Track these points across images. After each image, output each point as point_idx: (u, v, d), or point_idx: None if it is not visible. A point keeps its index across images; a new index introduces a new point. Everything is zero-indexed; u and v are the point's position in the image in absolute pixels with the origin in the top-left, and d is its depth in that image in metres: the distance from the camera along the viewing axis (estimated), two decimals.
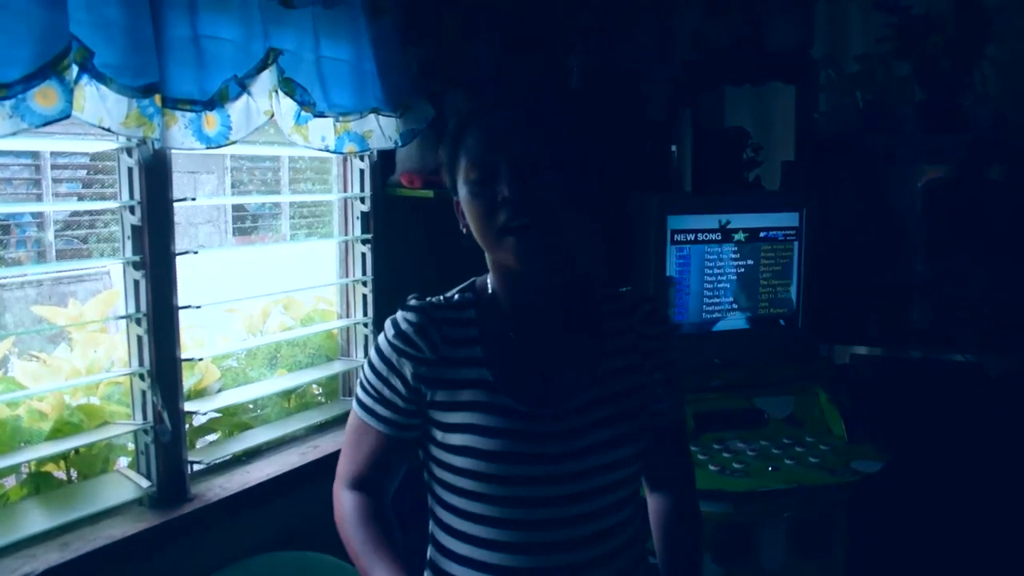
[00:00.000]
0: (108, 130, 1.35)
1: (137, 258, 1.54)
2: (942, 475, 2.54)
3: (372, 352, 1.17)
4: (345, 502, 1.17)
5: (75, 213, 6.61)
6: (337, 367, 2.10)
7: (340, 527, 1.16)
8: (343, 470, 1.20)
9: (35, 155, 6.31)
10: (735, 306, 2.55)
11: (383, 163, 2.07)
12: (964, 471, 2.53)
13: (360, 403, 1.18)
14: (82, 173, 6.74)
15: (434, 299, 1.19)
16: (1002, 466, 2.51)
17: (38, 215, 6.28)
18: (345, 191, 2.07)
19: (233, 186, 7.47)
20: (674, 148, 2.85)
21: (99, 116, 1.33)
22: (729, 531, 2.16)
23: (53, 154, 6.34)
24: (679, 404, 1.27)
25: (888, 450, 2.32)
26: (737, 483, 2.14)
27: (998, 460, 2.52)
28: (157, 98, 1.39)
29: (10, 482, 1.61)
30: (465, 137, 1.11)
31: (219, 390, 1.89)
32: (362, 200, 2.06)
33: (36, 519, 1.46)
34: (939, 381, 2.79)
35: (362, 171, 2.06)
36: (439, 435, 1.13)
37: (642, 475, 1.25)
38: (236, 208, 7.42)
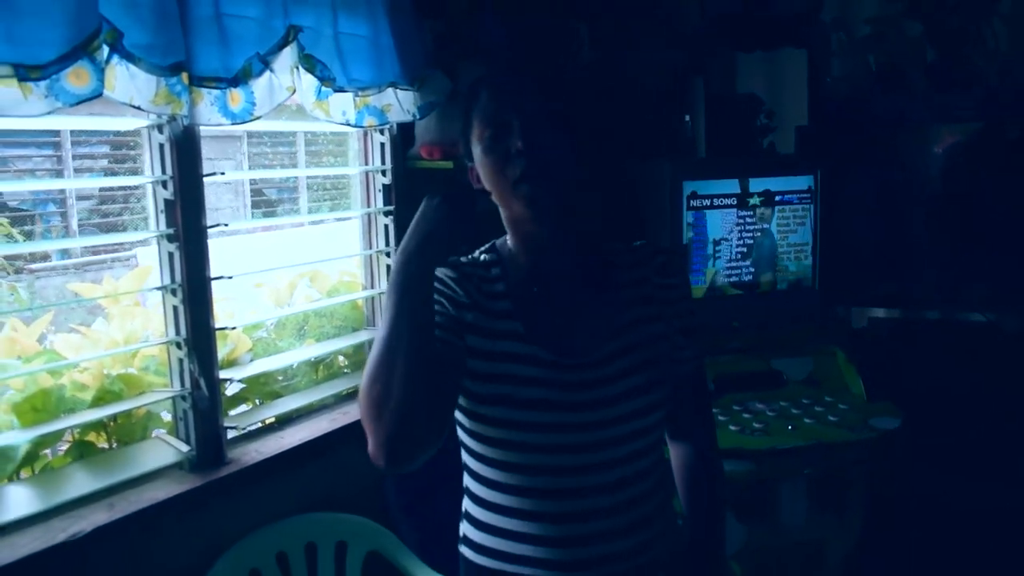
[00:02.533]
0: (139, 108, 1.40)
1: (171, 231, 1.60)
2: (959, 432, 2.56)
3: None
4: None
5: (100, 201, 6.70)
6: (363, 336, 2.16)
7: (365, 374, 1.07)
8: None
9: (56, 147, 6.40)
10: (752, 269, 2.58)
11: (403, 136, 2.12)
12: (980, 428, 2.55)
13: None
14: (103, 162, 6.83)
15: (462, 258, 1.24)
16: (1018, 422, 2.54)
17: (61, 204, 6.39)
18: (366, 165, 2.12)
19: (252, 170, 7.55)
20: (687, 117, 2.87)
21: (129, 95, 1.38)
22: (751, 489, 2.21)
23: (73, 143, 6.43)
24: (699, 354, 1.30)
25: (906, 408, 2.35)
26: (758, 442, 2.18)
27: (1014, 417, 2.54)
28: (184, 76, 1.44)
29: (54, 452, 1.68)
30: (477, 100, 1.17)
31: (250, 360, 1.95)
32: (383, 173, 2.11)
33: (82, 482, 1.53)
34: (956, 341, 2.81)
35: (382, 144, 2.11)
36: (473, 386, 1.16)
37: (664, 425, 1.28)
38: (255, 192, 7.50)
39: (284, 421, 1.94)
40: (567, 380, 1.15)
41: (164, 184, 1.58)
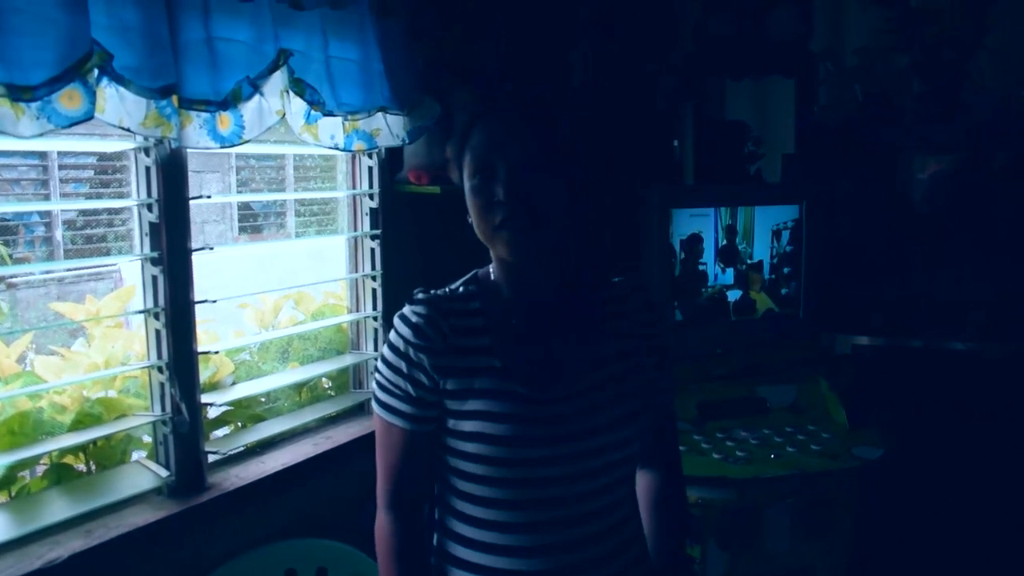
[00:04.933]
0: (128, 130, 1.39)
1: (155, 254, 1.59)
2: (942, 461, 2.58)
3: (384, 350, 1.22)
4: (383, 528, 1.22)
5: (85, 214, 6.66)
6: (348, 360, 2.14)
7: (378, 554, 1.23)
8: (379, 487, 1.24)
9: (43, 156, 6.36)
10: (738, 296, 2.59)
11: (391, 160, 2.12)
12: (964, 457, 2.57)
13: (380, 403, 1.21)
14: (88, 173, 6.80)
15: (439, 291, 1.25)
16: (1001, 452, 2.55)
17: (46, 216, 6.34)
18: (354, 188, 2.12)
19: (238, 185, 7.52)
20: (676, 142, 2.89)
21: (119, 117, 1.38)
22: (733, 517, 2.20)
23: (60, 155, 6.39)
24: (671, 387, 1.33)
25: (889, 437, 2.36)
26: (741, 470, 2.18)
27: (998, 446, 2.56)
28: (174, 99, 1.44)
29: (32, 474, 1.66)
30: (471, 137, 1.18)
31: (232, 383, 1.94)
32: (371, 196, 2.11)
33: (59, 507, 1.52)
34: (940, 369, 2.82)
35: (370, 168, 2.10)
36: (451, 423, 1.18)
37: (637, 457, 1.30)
38: (242, 208, 7.46)
39: (266, 445, 1.92)
40: (542, 415, 1.16)
41: (149, 207, 1.57)
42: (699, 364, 2.52)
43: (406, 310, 1.21)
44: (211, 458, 1.76)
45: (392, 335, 1.21)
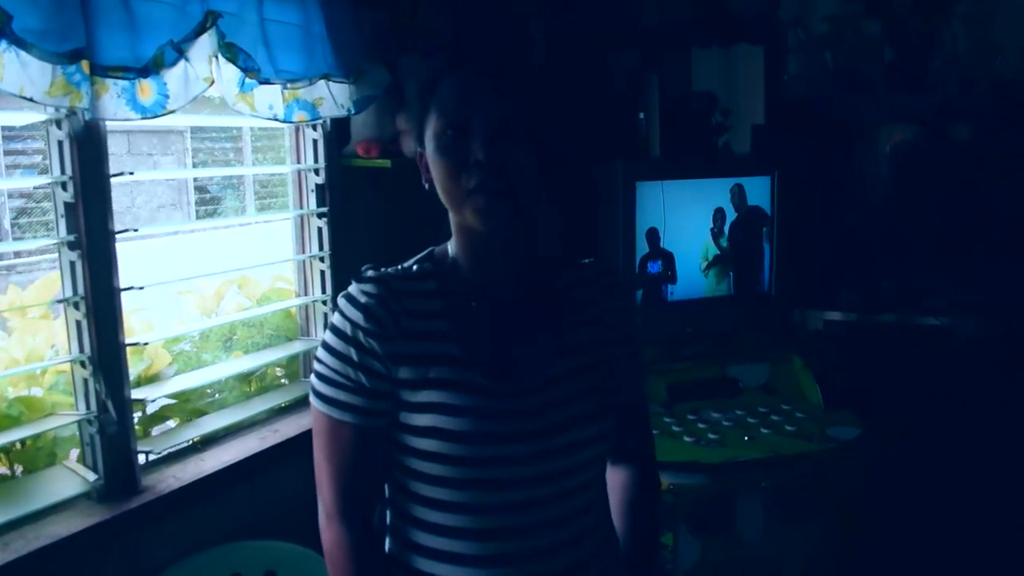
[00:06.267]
0: (31, 100, 1.25)
1: (72, 237, 1.44)
2: (917, 439, 2.52)
3: (328, 335, 1.07)
4: (336, 543, 1.07)
5: (33, 199, 6.42)
6: (297, 347, 2.02)
7: (333, 573, 1.08)
8: (326, 495, 1.08)
9: None
10: (706, 273, 2.50)
11: (337, 132, 1.98)
12: (939, 435, 2.51)
13: (324, 398, 1.06)
14: (37, 158, 6.54)
15: (391, 270, 1.11)
16: (976, 428, 2.50)
17: None
18: (298, 163, 1.98)
19: (196, 167, 7.29)
20: (641, 115, 2.78)
21: (20, 85, 1.23)
22: (706, 503, 2.12)
23: (5, 138, 6.15)
24: (641, 378, 1.23)
25: (863, 415, 2.29)
26: (713, 454, 2.11)
27: (972, 423, 2.50)
28: (84, 65, 1.29)
29: None
30: (438, 89, 1.05)
31: (173, 375, 1.80)
32: (316, 172, 1.97)
33: None
34: (912, 345, 2.77)
35: (315, 141, 1.96)
36: (403, 416, 1.05)
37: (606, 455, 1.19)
38: (199, 189, 7.25)
39: (209, 441, 1.79)
40: (505, 408, 1.04)
41: (64, 185, 1.43)
42: (667, 345, 2.43)
43: (353, 289, 1.07)
44: (150, 457, 1.63)
45: (336, 318, 1.07)
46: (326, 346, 1.07)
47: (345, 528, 1.06)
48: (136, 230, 1.53)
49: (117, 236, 1.49)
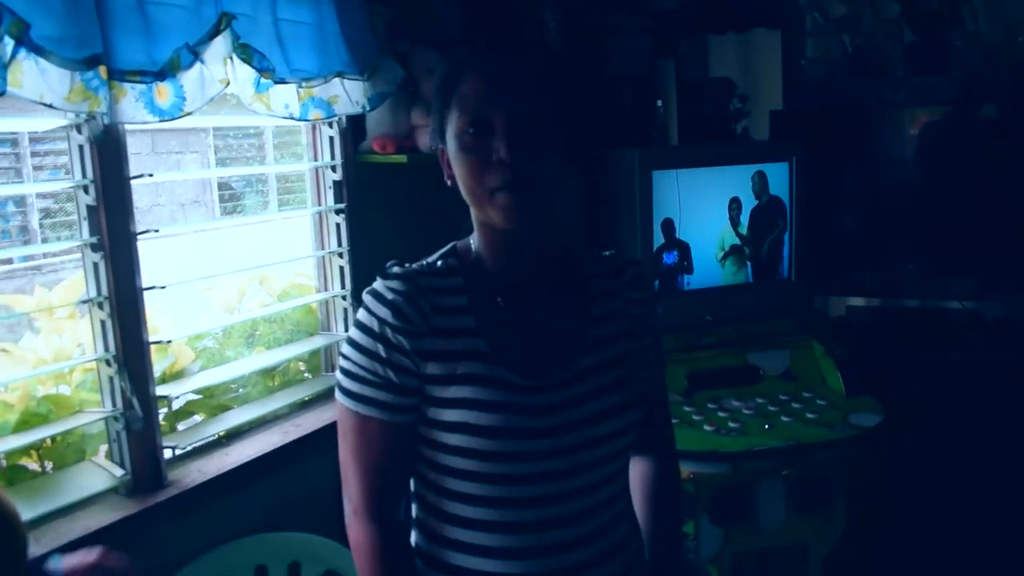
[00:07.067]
0: (51, 106, 1.27)
1: (95, 239, 1.47)
2: (940, 425, 2.50)
3: (353, 331, 1.07)
4: (367, 543, 1.06)
5: (58, 200, 6.52)
6: (318, 342, 2.04)
7: (363, 573, 1.08)
8: (354, 493, 1.08)
9: (14, 143, 6.22)
10: (726, 260, 2.49)
11: (353, 129, 2.00)
12: (962, 421, 2.48)
13: (351, 394, 1.06)
14: (64, 159, 6.64)
15: (415, 265, 1.11)
16: (1001, 415, 2.47)
17: (20, 203, 6.21)
18: (315, 160, 2.00)
19: (218, 165, 7.36)
20: (659, 103, 2.77)
21: (39, 92, 1.25)
22: (727, 492, 2.12)
23: (32, 141, 6.25)
24: (662, 369, 1.24)
25: (886, 401, 2.27)
26: (734, 443, 2.10)
27: (997, 409, 2.48)
28: (102, 70, 1.32)
29: None
30: (459, 84, 1.04)
31: (199, 371, 1.83)
32: (333, 169, 1.99)
33: None
34: (937, 329, 2.74)
35: (331, 138, 1.98)
36: (431, 412, 1.05)
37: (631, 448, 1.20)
38: (223, 186, 7.32)
39: (233, 436, 1.82)
40: (534, 403, 1.04)
41: (85, 188, 1.46)
42: (687, 332, 2.42)
43: (379, 286, 1.07)
44: (176, 452, 1.66)
45: (362, 315, 1.06)
46: (352, 343, 1.07)
47: (374, 525, 1.06)
48: (157, 231, 1.55)
49: (139, 236, 1.52)
